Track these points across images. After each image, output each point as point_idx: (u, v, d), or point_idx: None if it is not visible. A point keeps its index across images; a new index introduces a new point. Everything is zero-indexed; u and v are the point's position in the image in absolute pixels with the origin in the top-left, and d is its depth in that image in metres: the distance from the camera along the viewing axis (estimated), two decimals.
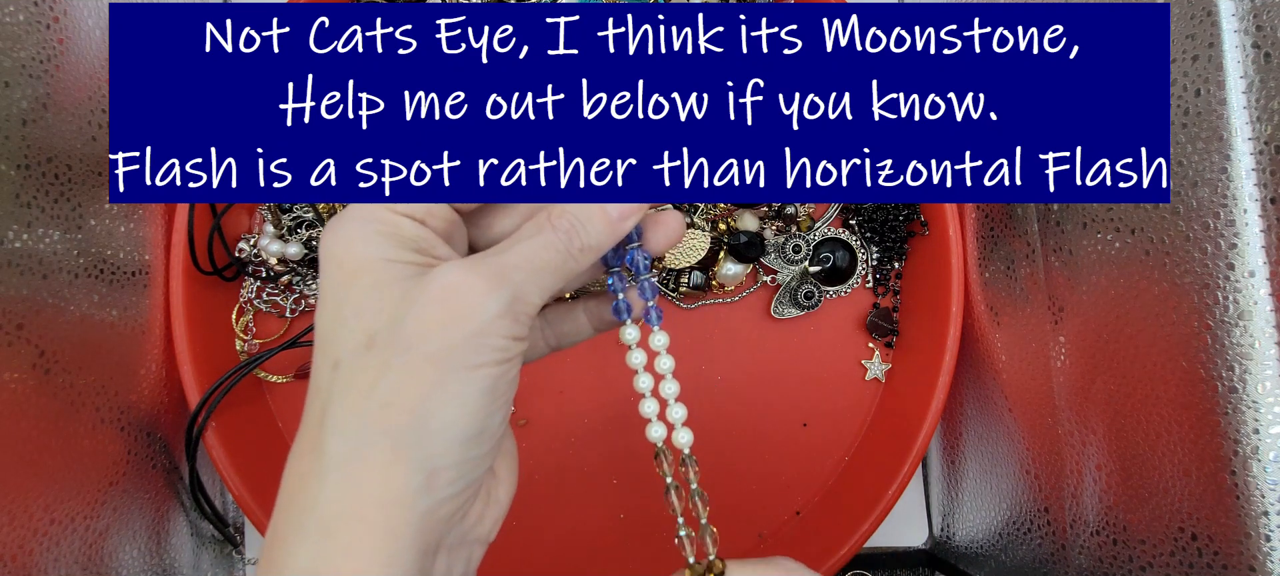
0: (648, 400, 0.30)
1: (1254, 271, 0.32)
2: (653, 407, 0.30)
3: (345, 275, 0.25)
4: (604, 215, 0.29)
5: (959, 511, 0.53)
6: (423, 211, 0.27)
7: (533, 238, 0.27)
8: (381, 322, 0.24)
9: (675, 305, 0.52)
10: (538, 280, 0.26)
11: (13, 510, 0.35)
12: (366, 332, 0.24)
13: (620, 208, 0.29)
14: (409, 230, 0.26)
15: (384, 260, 0.25)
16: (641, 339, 0.31)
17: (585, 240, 0.28)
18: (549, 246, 0.27)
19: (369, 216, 0.26)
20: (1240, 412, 0.32)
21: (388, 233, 0.26)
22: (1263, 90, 0.32)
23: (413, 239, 0.26)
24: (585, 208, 0.29)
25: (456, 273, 0.25)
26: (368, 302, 0.25)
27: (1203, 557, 0.34)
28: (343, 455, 0.24)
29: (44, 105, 0.38)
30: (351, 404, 0.24)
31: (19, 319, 0.36)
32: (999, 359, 0.46)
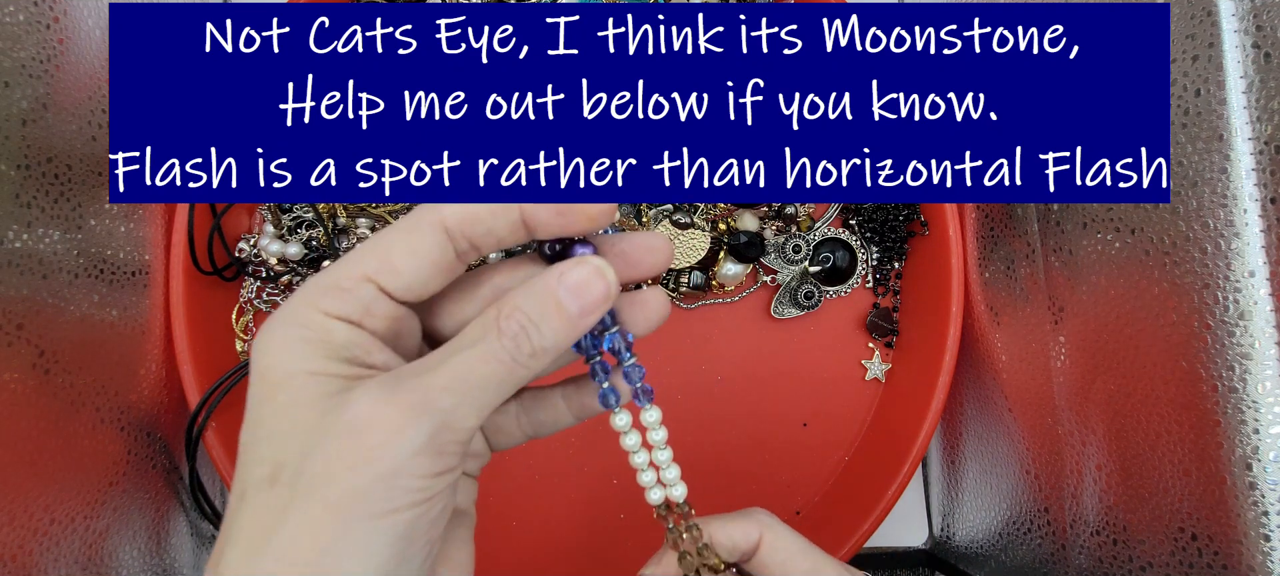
0: (645, 472, 0.30)
1: (1254, 271, 0.32)
2: (651, 477, 0.30)
3: (267, 388, 0.23)
4: (560, 310, 0.24)
5: (959, 511, 0.53)
6: (358, 311, 0.24)
7: (471, 347, 0.23)
8: (289, 454, 0.22)
9: (675, 305, 0.52)
10: (473, 400, 0.23)
11: (13, 510, 0.35)
12: (274, 464, 0.22)
13: (583, 297, 0.24)
14: (340, 335, 0.23)
15: (306, 373, 0.22)
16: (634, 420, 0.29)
17: (537, 343, 0.23)
18: (489, 356, 0.23)
19: (296, 320, 0.23)
20: (1240, 412, 0.32)
21: (314, 339, 0.23)
22: (1263, 90, 0.32)
23: (344, 346, 0.23)
24: (539, 303, 0.24)
25: (368, 402, 0.22)
26: (280, 426, 0.22)
27: (1203, 557, 0.34)
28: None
29: (44, 105, 0.38)
30: (246, 549, 0.22)
31: (19, 319, 0.36)
32: (999, 359, 0.46)
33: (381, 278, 0.24)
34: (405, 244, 0.24)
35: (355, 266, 0.24)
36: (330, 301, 0.23)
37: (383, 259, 0.24)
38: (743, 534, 0.31)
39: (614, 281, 0.25)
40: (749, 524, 0.31)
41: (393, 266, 0.24)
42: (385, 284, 0.24)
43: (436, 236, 0.24)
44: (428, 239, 0.24)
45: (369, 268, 0.24)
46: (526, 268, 0.27)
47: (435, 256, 0.24)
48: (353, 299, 0.24)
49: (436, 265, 0.24)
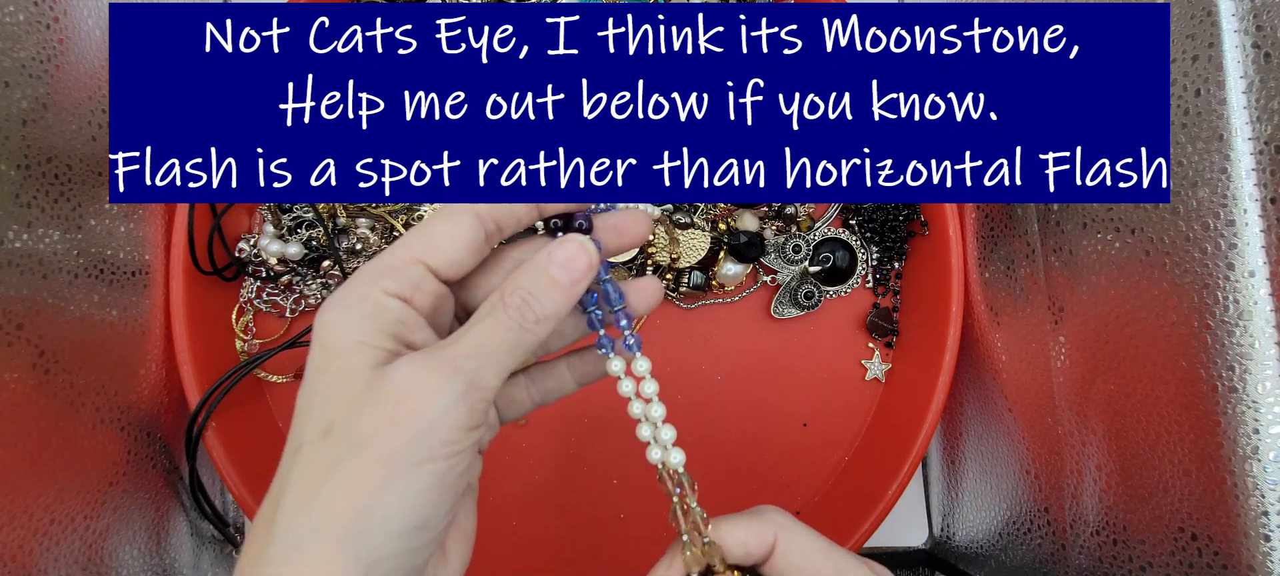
0: (644, 425, 0.31)
1: (1254, 271, 0.32)
2: (649, 431, 0.31)
3: (325, 356, 0.27)
4: (554, 283, 0.28)
5: (959, 511, 0.53)
6: (408, 288, 0.28)
7: (484, 320, 0.27)
8: (340, 413, 0.26)
9: (675, 305, 0.52)
10: (494, 363, 0.27)
11: (13, 510, 0.35)
12: (327, 421, 0.26)
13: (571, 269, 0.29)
14: (393, 311, 0.27)
15: (359, 343, 0.26)
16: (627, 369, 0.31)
17: (539, 311, 0.28)
18: (500, 326, 0.27)
19: (356, 298, 0.27)
20: (1240, 412, 0.32)
21: (369, 315, 0.27)
22: (1263, 90, 0.32)
23: (394, 322, 0.27)
24: (535, 278, 0.28)
25: (409, 368, 0.26)
26: (334, 390, 0.26)
27: (1203, 557, 0.34)
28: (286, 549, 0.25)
29: (44, 105, 0.38)
30: (301, 496, 0.26)
31: (19, 319, 0.36)
32: (999, 359, 0.46)
33: (428, 258, 0.28)
34: (444, 228, 0.29)
35: (406, 250, 0.28)
36: (386, 280, 0.27)
37: (427, 242, 0.28)
38: (755, 536, 0.30)
39: (595, 253, 0.29)
40: (762, 525, 0.30)
41: (436, 247, 0.28)
42: (431, 262, 0.28)
43: (469, 220, 0.29)
44: (463, 221, 0.29)
45: (417, 250, 0.28)
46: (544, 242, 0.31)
47: (468, 237, 0.29)
48: (405, 277, 0.28)
49: (470, 244, 0.29)
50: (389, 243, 0.49)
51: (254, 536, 0.26)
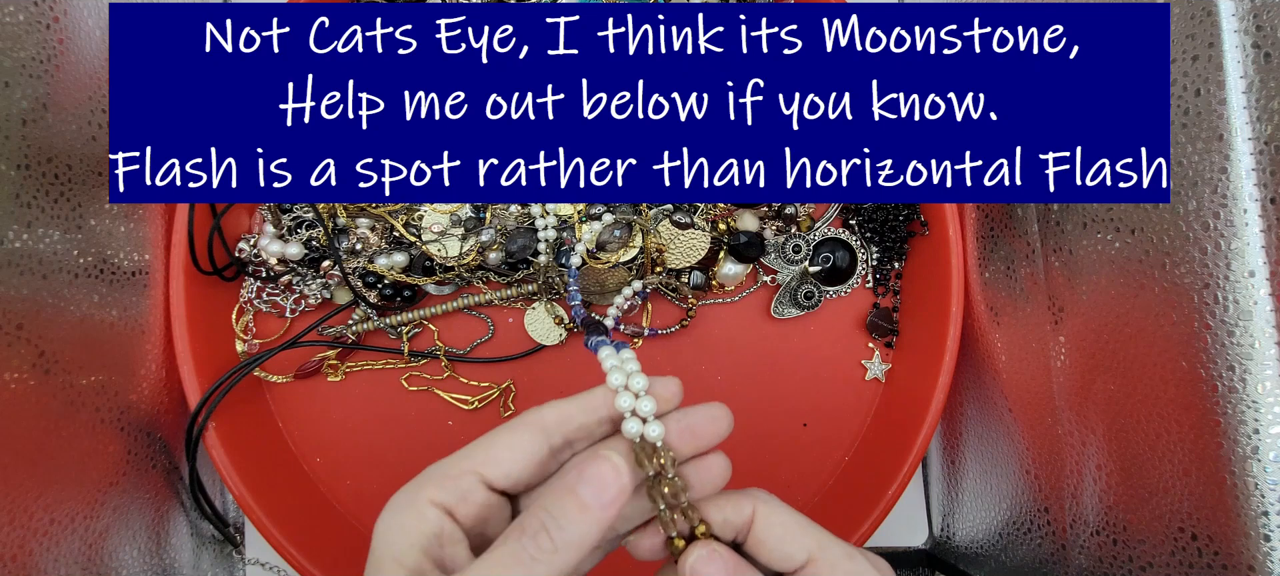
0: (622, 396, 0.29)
1: (1254, 271, 0.32)
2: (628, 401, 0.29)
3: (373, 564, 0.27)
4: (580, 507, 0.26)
5: (959, 511, 0.53)
6: (455, 498, 0.27)
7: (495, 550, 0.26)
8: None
9: (675, 305, 0.52)
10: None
11: (13, 510, 0.35)
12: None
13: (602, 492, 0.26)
14: (432, 523, 0.27)
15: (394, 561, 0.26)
16: None
17: (559, 538, 0.26)
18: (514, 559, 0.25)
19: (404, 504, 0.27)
20: (1240, 412, 0.32)
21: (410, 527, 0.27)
22: (1263, 90, 0.32)
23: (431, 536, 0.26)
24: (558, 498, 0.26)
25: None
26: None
27: (1203, 557, 0.34)
28: None
29: (44, 105, 0.38)
30: None
31: (19, 319, 0.36)
32: (999, 359, 0.46)
33: (485, 469, 0.28)
34: (508, 440, 0.28)
35: (465, 460, 0.28)
36: (435, 489, 0.27)
37: (488, 453, 0.28)
38: (734, 508, 0.29)
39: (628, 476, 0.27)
40: (740, 498, 0.30)
41: (495, 458, 0.28)
42: (487, 474, 0.28)
43: (534, 436, 0.28)
44: (527, 437, 0.28)
45: (476, 461, 0.28)
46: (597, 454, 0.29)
47: (531, 449, 0.28)
48: (455, 487, 0.27)
49: (532, 457, 0.28)
50: (389, 242, 0.49)
51: None
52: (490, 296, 0.50)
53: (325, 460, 0.50)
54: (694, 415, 0.30)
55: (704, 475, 0.30)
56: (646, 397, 0.29)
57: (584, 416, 0.29)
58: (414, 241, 0.49)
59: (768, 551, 0.29)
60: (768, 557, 0.29)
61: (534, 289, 0.50)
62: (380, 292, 0.49)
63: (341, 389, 0.51)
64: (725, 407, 0.30)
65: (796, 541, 0.29)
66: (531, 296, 0.50)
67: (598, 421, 0.29)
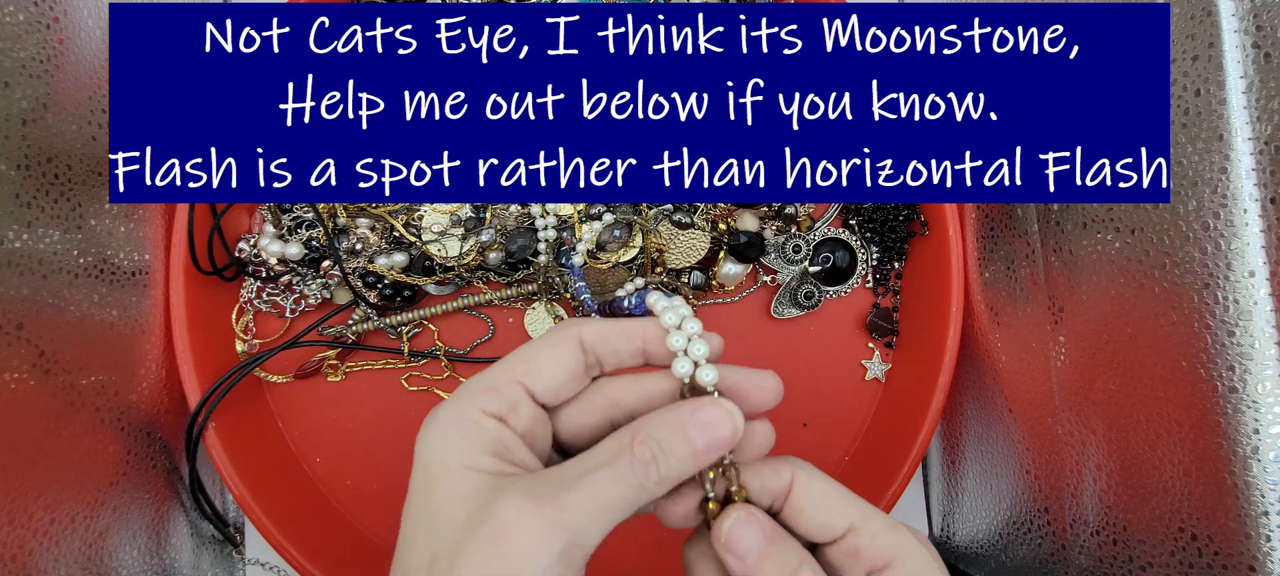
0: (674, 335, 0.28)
1: (1254, 271, 0.32)
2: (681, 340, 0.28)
3: (427, 479, 0.27)
4: (688, 445, 0.26)
5: (959, 511, 0.53)
6: (506, 408, 0.27)
7: (605, 469, 0.26)
8: (444, 544, 0.25)
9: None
10: (602, 519, 0.25)
11: (13, 510, 0.35)
12: (431, 553, 0.25)
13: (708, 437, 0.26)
14: (491, 431, 0.27)
15: (462, 466, 0.26)
16: None
17: (664, 471, 0.26)
18: (622, 480, 0.26)
19: (455, 417, 0.27)
20: (1240, 412, 0.32)
21: (469, 435, 0.27)
22: (1263, 90, 0.32)
23: (493, 442, 0.27)
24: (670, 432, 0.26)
25: (513, 509, 0.25)
26: (438, 516, 0.26)
27: (1203, 557, 0.34)
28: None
29: (44, 105, 0.38)
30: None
31: (19, 319, 0.36)
32: (999, 359, 0.46)
33: (528, 380, 0.28)
34: (550, 353, 0.28)
35: (507, 371, 0.28)
36: (486, 400, 0.27)
37: (530, 364, 0.28)
38: (773, 474, 0.29)
39: (740, 424, 0.27)
40: (779, 464, 0.29)
41: (538, 371, 0.28)
42: (531, 386, 0.28)
43: (574, 348, 0.28)
44: (567, 350, 0.28)
45: (518, 372, 0.28)
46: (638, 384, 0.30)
47: (570, 364, 0.28)
48: (503, 398, 0.27)
49: (571, 372, 0.28)
50: (389, 242, 0.49)
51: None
52: (490, 296, 0.50)
53: (325, 460, 0.50)
54: (742, 375, 0.29)
55: (747, 442, 0.29)
56: (700, 341, 0.28)
57: (620, 342, 0.29)
58: (414, 241, 0.49)
59: (806, 520, 0.28)
60: (806, 526, 0.28)
61: (534, 289, 0.50)
62: (380, 293, 0.49)
63: (341, 389, 0.51)
64: (776, 376, 0.29)
65: (838, 509, 0.28)
66: (531, 296, 0.50)
67: (632, 351, 0.29)
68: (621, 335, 0.29)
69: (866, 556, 0.28)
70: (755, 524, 0.28)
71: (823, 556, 0.29)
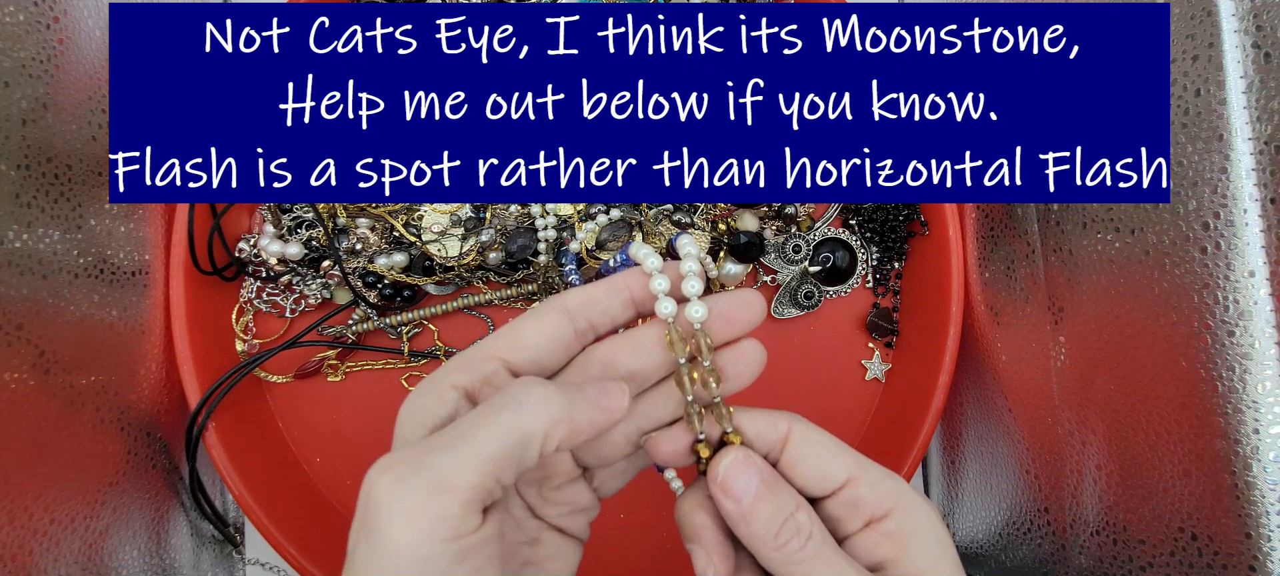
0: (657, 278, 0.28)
1: (1254, 271, 0.32)
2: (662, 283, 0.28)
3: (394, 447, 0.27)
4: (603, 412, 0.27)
5: (959, 511, 0.53)
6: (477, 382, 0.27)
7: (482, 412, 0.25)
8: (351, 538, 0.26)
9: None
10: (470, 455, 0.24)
11: (13, 510, 0.35)
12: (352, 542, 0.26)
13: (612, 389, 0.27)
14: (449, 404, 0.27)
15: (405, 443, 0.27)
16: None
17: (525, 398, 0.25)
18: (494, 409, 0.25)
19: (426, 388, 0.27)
20: (1240, 412, 0.32)
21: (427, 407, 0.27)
22: (1263, 90, 0.32)
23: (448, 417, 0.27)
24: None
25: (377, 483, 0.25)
26: None
27: (1203, 557, 0.34)
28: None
29: (44, 105, 0.38)
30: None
31: (19, 319, 0.36)
32: (999, 359, 0.46)
33: (508, 354, 0.27)
34: (532, 324, 0.28)
35: (488, 346, 0.28)
36: (457, 373, 0.27)
37: (512, 338, 0.28)
38: (769, 423, 0.28)
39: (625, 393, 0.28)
40: (777, 416, 0.28)
41: (520, 343, 0.28)
42: (510, 358, 0.27)
43: (557, 316, 0.28)
44: (551, 319, 0.28)
45: (498, 347, 0.28)
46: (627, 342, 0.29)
47: (553, 332, 0.28)
48: (476, 371, 0.27)
49: (555, 340, 0.28)
50: (389, 242, 0.49)
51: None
52: (490, 296, 0.50)
53: (325, 460, 0.50)
54: (724, 299, 0.29)
55: (738, 361, 0.29)
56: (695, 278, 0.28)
57: (608, 298, 0.28)
58: (414, 241, 0.49)
59: (803, 472, 0.28)
60: (804, 478, 0.28)
61: (534, 289, 0.50)
62: (380, 293, 0.49)
63: (341, 389, 0.51)
64: (758, 293, 0.29)
65: (836, 460, 0.28)
66: (531, 296, 0.50)
67: (622, 304, 0.29)
68: (608, 291, 0.28)
69: (866, 505, 0.28)
70: (752, 465, 0.27)
71: (821, 510, 0.29)
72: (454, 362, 0.27)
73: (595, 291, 0.28)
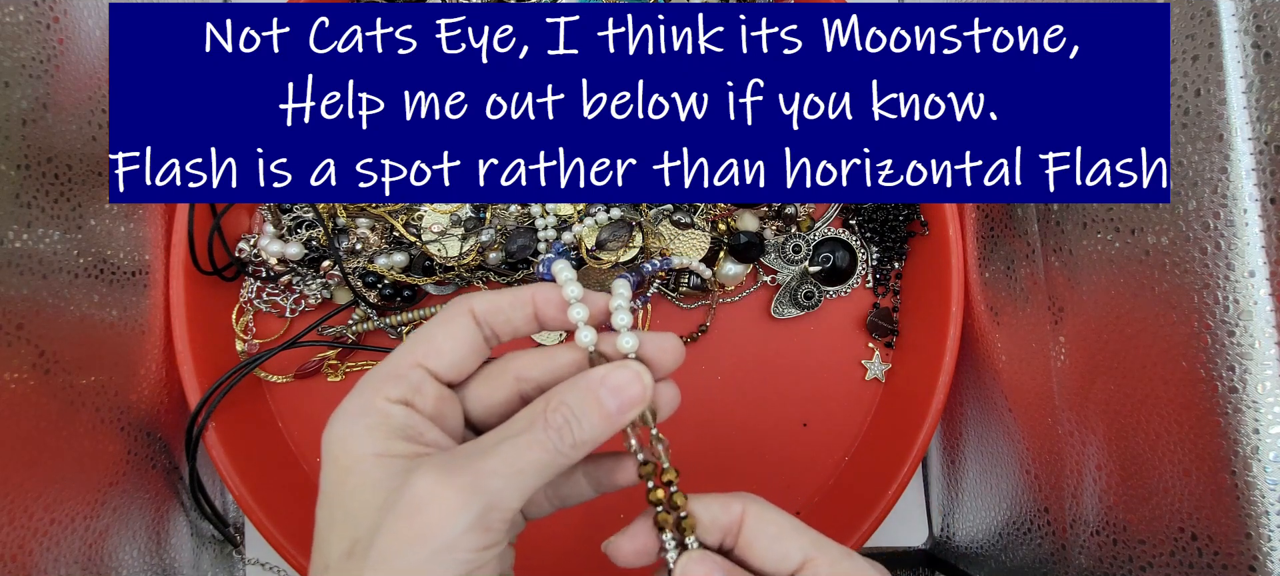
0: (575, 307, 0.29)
1: (1254, 271, 0.32)
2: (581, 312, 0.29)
3: (339, 472, 0.26)
4: (601, 409, 0.27)
5: (959, 511, 0.53)
6: (410, 392, 0.27)
7: (520, 436, 0.26)
8: (362, 530, 0.25)
9: (675, 305, 0.52)
10: (519, 482, 0.26)
11: (13, 510, 0.35)
12: (350, 539, 0.26)
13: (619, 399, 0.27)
14: (398, 417, 0.27)
15: (373, 455, 0.26)
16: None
17: (578, 436, 0.27)
18: (536, 445, 0.26)
19: (360, 409, 0.27)
20: (1240, 412, 0.32)
21: (376, 425, 0.27)
22: (1263, 90, 0.32)
23: (402, 427, 0.27)
24: (582, 399, 0.27)
25: (428, 482, 0.25)
26: (353, 504, 0.26)
27: (1203, 557, 0.34)
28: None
29: (44, 105, 0.38)
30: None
31: (19, 319, 0.36)
32: (999, 359, 0.46)
33: (428, 361, 0.28)
34: (444, 331, 0.29)
35: (407, 355, 0.28)
36: (388, 387, 0.27)
37: (428, 345, 0.28)
38: (722, 507, 0.29)
39: (649, 383, 0.28)
40: (729, 499, 0.29)
41: (437, 350, 0.28)
42: (432, 366, 0.28)
43: (468, 322, 0.29)
44: (462, 325, 0.29)
45: (418, 354, 0.28)
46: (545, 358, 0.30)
47: (468, 338, 0.29)
48: (406, 382, 0.27)
49: (470, 347, 0.29)
50: (389, 242, 0.49)
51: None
52: None
53: None
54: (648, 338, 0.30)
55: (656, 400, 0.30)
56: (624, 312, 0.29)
57: (513, 310, 0.29)
58: (414, 241, 0.49)
59: (760, 554, 0.29)
60: (760, 560, 0.29)
61: None
62: (380, 293, 0.49)
63: (341, 389, 0.51)
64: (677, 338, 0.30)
65: (792, 542, 0.28)
66: None
67: (525, 317, 0.30)
68: (513, 303, 0.29)
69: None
70: (710, 561, 0.28)
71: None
72: (378, 377, 0.28)
73: (501, 301, 0.29)
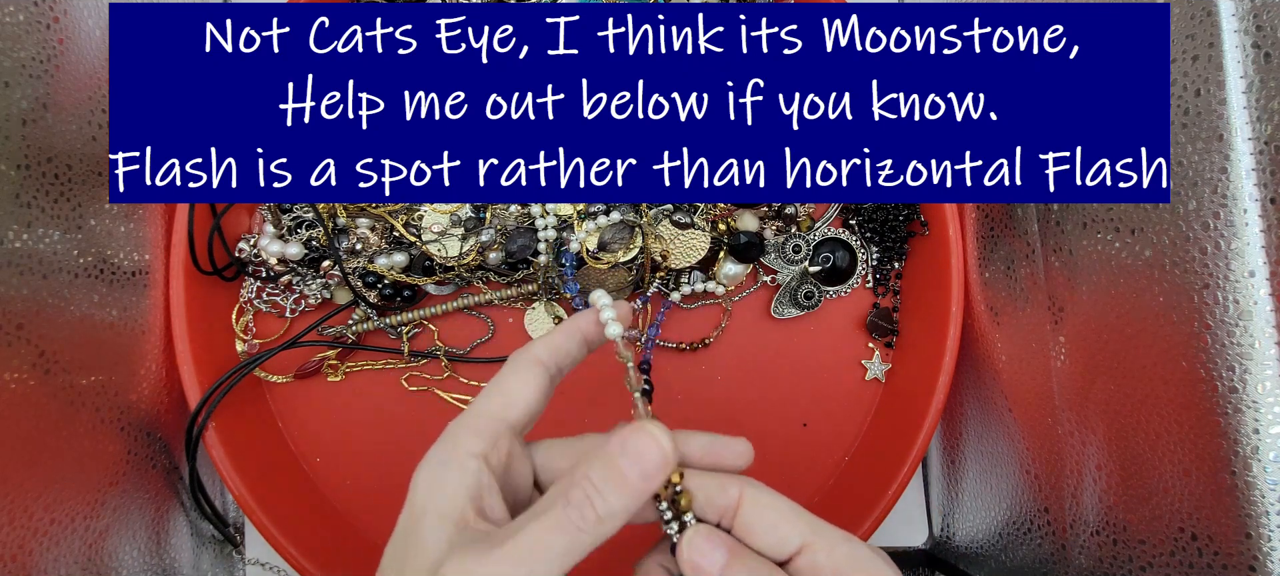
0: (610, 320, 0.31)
1: (1254, 271, 0.32)
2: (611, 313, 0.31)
3: (412, 520, 0.27)
4: (622, 480, 0.26)
5: (959, 511, 0.53)
6: (489, 445, 0.28)
7: (542, 515, 0.26)
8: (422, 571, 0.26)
9: (675, 305, 0.52)
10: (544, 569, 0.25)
11: (13, 510, 0.35)
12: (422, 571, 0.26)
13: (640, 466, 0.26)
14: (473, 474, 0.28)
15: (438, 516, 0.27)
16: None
17: (602, 509, 0.26)
18: (556, 527, 0.26)
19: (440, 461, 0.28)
20: (1240, 412, 0.32)
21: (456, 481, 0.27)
22: (1263, 90, 0.32)
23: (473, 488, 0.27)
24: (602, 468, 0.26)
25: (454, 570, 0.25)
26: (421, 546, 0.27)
27: (1203, 557, 0.34)
28: None
29: (44, 105, 0.38)
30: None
31: (19, 319, 0.36)
32: (999, 359, 0.46)
33: (508, 413, 0.29)
34: (516, 380, 0.30)
35: (489, 405, 0.29)
36: (472, 442, 0.28)
37: (506, 397, 0.29)
38: (719, 488, 0.29)
39: (669, 447, 0.27)
40: (728, 480, 0.29)
41: (514, 402, 0.29)
42: (510, 418, 0.29)
43: (536, 368, 0.30)
44: (534, 372, 0.30)
45: (495, 406, 0.29)
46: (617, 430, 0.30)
47: (537, 383, 0.30)
48: (488, 436, 0.28)
49: (541, 391, 0.30)
50: (389, 242, 0.49)
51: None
52: (490, 296, 0.50)
53: (325, 460, 0.50)
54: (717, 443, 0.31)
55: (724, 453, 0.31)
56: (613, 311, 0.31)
57: (568, 342, 0.31)
58: (414, 241, 0.49)
59: (758, 537, 0.28)
60: (758, 543, 0.28)
61: (534, 289, 0.50)
62: (380, 293, 0.49)
63: (341, 389, 0.51)
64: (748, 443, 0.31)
65: (789, 524, 0.28)
66: (531, 296, 0.50)
67: (578, 344, 0.31)
68: (567, 336, 0.31)
69: (824, 571, 0.28)
70: (716, 537, 0.28)
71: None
72: (463, 429, 0.28)
73: (556, 338, 0.31)
